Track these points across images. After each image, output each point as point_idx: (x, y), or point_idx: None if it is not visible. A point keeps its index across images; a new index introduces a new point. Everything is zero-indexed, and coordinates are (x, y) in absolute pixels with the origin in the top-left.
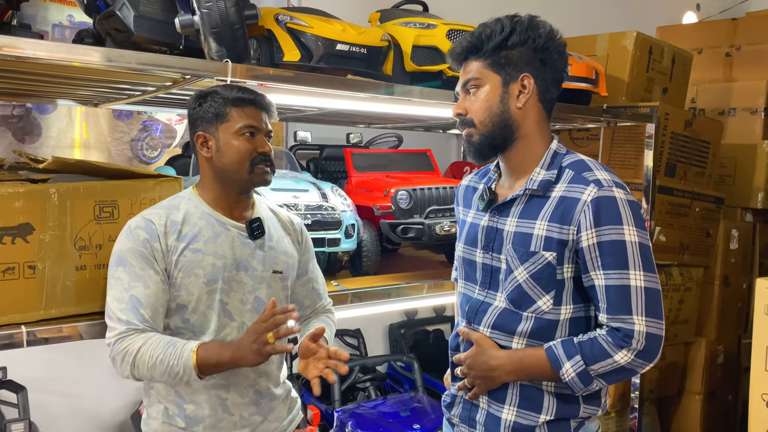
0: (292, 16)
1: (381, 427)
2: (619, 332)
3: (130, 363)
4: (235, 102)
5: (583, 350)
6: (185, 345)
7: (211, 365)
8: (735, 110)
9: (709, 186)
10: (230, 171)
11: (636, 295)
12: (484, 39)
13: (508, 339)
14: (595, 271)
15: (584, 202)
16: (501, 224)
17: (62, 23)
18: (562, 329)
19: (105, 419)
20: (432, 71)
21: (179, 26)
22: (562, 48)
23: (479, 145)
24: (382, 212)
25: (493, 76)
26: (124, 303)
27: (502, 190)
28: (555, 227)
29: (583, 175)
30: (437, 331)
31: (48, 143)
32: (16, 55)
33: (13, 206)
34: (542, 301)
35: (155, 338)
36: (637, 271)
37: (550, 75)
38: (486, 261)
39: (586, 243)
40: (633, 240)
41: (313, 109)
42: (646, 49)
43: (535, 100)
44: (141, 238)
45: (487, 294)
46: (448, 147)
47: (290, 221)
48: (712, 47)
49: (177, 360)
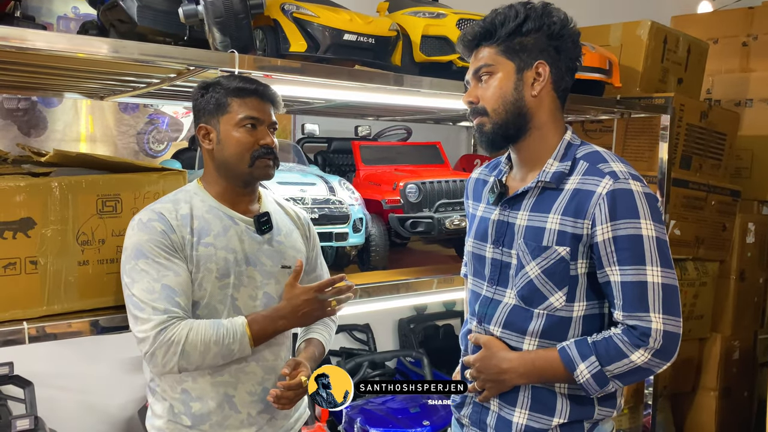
0: (298, 5)
1: (390, 423)
2: (635, 330)
3: (178, 353)
4: (236, 92)
5: (598, 350)
6: (233, 323)
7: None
8: (752, 101)
9: (725, 178)
10: (231, 164)
11: (653, 291)
12: (497, 25)
13: (519, 339)
14: (611, 267)
15: (599, 195)
16: (512, 218)
17: (67, 15)
18: (575, 327)
19: (112, 414)
20: (441, 61)
21: (183, 16)
22: (576, 36)
23: (491, 135)
24: (391, 206)
25: (507, 62)
26: (157, 293)
27: (514, 182)
28: (569, 221)
29: (598, 167)
30: (447, 326)
31: (54, 137)
32: (19, 47)
33: (14, 200)
34: (554, 298)
35: (199, 323)
36: (654, 267)
37: (565, 63)
38: (496, 256)
39: (601, 237)
40: (650, 234)
41: (320, 101)
42: (661, 38)
43: (549, 88)
44: (158, 230)
45: (496, 290)
46: (458, 139)
47: (297, 216)
48: (728, 37)
49: (232, 338)
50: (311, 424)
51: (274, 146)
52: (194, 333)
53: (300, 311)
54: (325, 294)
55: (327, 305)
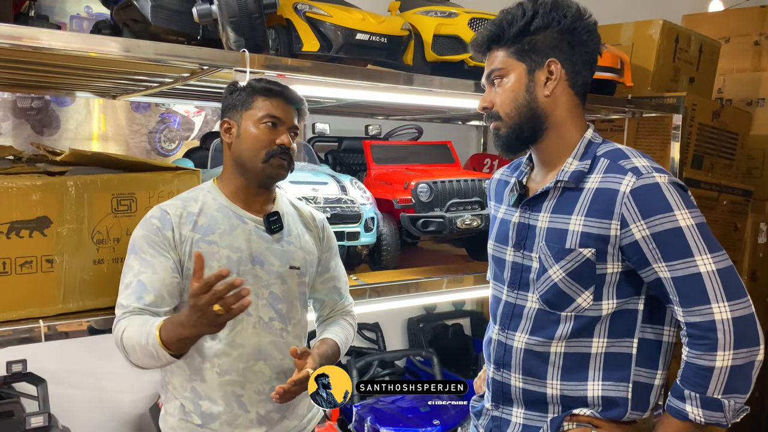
0: (311, 5)
1: (400, 422)
2: (697, 328)
3: (121, 348)
4: (262, 91)
5: (687, 382)
6: (153, 323)
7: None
8: (764, 100)
9: (737, 178)
10: (246, 159)
11: (710, 281)
12: (505, 26)
13: (546, 345)
14: (657, 263)
15: (623, 194)
16: (533, 220)
17: (80, 14)
18: (602, 326)
19: (124, 412)
20: (453, 61)
21: (197, 16)
22: (593, 27)
23: (507, 139)
24: (402, 205)
25: (518, 64)
26: (130, 288)
27: (534, 183)
28: (594, 222)
29: (619, 164)
30: (456, 326)
31: (66, 135)
32: (33, 46)
33: (30, 199)
34: (582, 299)
35: (138, 320)
36: (703, 255)
37: (580, 57)
38: (516, 260)
39: (639, 235)
40: (688, 224)
41: (331, 100)
42: (673, 37)
43: (564, 86)
44: (154, 227)
45: (518, 295)
46: (468, 138)
47: (312, 217)
48: (740, 36)
49: (146, 339)
50: (322, 423)
51: (290, 147)
52: (126, 332)
53: (191, 317)
54: (202, 299)
55: (208, 311)
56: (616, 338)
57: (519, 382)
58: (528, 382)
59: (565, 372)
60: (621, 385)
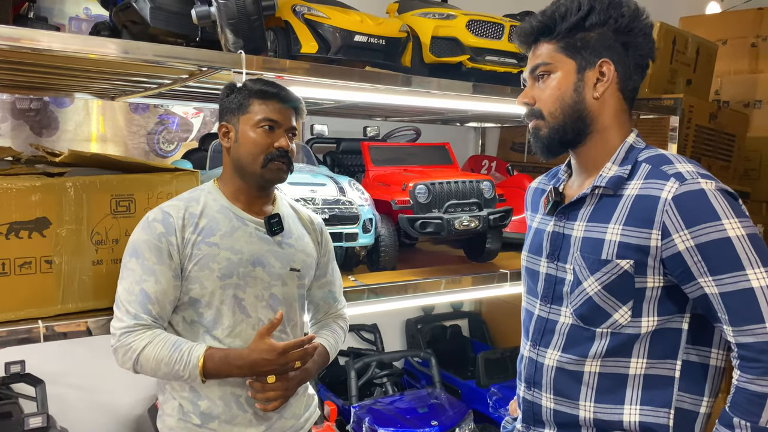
0: (309, 7)
1: (398, 423)
2: (750, 349)
3: (133, 360)
4: (258, 94)
5: (737, 409)
6: (191, 351)
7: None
8: (761, 102)
9: (734, 180)
10: (245, 163)
11: (765, 297)
12: (557, 18)
13: (580, 362)
14: (704, 278)
15: (665, 201)
16: (568, 229)
17: (79, 16)
18: (641, 345)
19: (122, 413)
20: (451, 62)
21: (196, 18)
22: (649, 29)
23: (548, 140)
24: (400, 206)
25: (567, 61)
26: (134, 296)
27: (571, 190)
28: (632, 231)
29: (661, 169)
30: (454, 327)
31: (65, 137)
32: (32, 48)
33: (29, 200)
34: (619, 314)
35: (160, 338)
36: (756, 269)
37: (633, 60)
38: (550, 271)
39: (682, 246)
40: (739, 234)
41: (330, 102)
42: (670, 39)
43: (614, 89)
44: (157, 232)
45: (550, 310)
46: (467, 140)
47: (310, 220)
48: (737, 38)
49: (183, 366)
50: (320, 424)
51: (289, 150)
52: (150, 348)
53: (258, 367)
54: (289, 356)
55: (289, 366)
56: (657, 359)
57: (550, 403)
58: (559, 403)
59: (599, 393)
60: (662, 411)
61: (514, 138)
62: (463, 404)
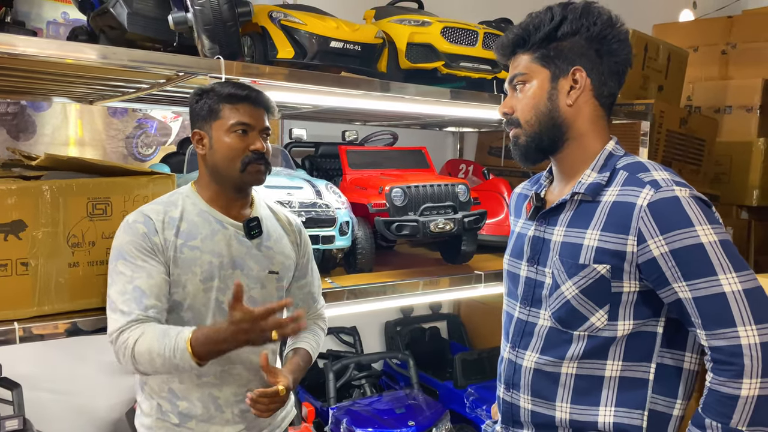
0: (285, 13)
1: (376, 423)
2: (722, 353)
3: (130, 357)
4: (228, 98)
5: (709, 411)
6: (178, 335)
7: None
8: (731, 108)
9: (705, 184)
10: (222, 169)
11: (735, 302)
12: (531, 30)
13: (557, 365)
14: (677, 283)
15: (640, 208)
16: (548, 234)
17: (56, 20)
18: (617, 348)
19: (100, 416)
20: (426, 68)
21: (172, 23)
22: (624, 36)
23: (525, 148)
24: (377, 209)
25: (541, 70)
26: (128, 294)
27: (552, 196)
28: (610, 237)
29: (638, 177)
30: (433, 329)
31: (43, 140)
32: (9, 52)
33: (5, 203)
34: (595, 317)
35: (150, 329)
36: (728, 274)
37: (608, 67)
38: (530, 275)
39: (657, 252)
40: (711, 240)
41: (307, 107)
42: (642, 46)
43: (589, 96)
44: (140, 232)
45: (529, 312)
46: (445, 145)
47: (288, 221)
48: (709, 45)
49: (172, 352)
50: (298, 425)
51: (265, 152)
52: (141, 340)
53: (240, 336)
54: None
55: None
56: (632, 362)
57: (528, 404)
58: (537, 404)
59: (575, 395)
60: (635, 413)
61: (492, 142)
62: (440, 404)
